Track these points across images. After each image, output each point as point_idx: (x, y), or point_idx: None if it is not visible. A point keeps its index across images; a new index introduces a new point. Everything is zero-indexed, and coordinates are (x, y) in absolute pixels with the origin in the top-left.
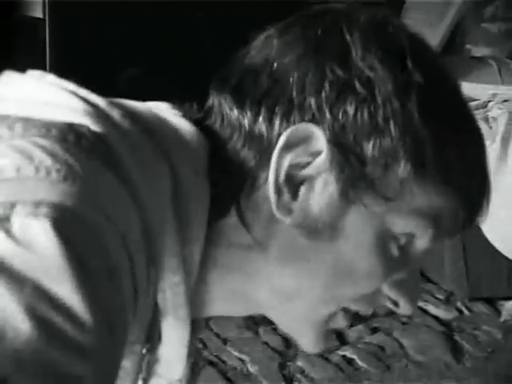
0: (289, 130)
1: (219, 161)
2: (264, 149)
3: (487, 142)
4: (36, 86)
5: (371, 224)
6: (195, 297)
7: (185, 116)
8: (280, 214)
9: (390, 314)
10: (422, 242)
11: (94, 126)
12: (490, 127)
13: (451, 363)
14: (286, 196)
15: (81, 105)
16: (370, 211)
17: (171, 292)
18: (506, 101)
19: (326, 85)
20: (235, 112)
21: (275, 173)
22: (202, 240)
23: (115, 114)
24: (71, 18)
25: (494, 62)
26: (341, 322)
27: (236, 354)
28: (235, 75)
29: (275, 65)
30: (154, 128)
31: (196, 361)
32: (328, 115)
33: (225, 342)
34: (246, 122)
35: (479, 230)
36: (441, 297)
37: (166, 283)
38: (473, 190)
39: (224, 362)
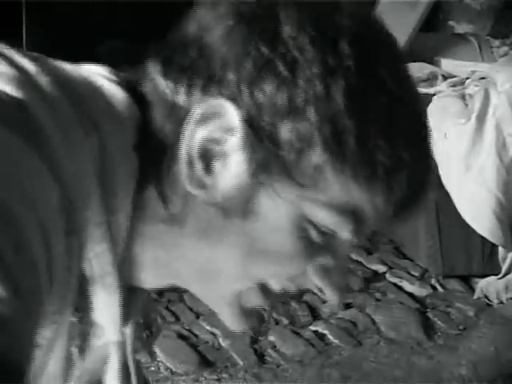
0: (202, 104)
1: (147, 132)
2: (182, 121)
3: (462, 120)
4: None
5: (285, 208)
6: (124, 265)
7: (120, 82)
8: (192, 187)
9: (364, 289)
10: (343, 235)
11: (17, 93)
12: (466, 105)
13: (423, 340)
14: (199, 170)
15: (7, 69)
16: (282, 196)
17: (97, 261)
18: (482, 78)
19: (248, 62)
20: (162, 81)
21: (188, 144)
22: (129, 210)
23: (44, 81)
24: None
25: (475, 40)
26: (258, 301)
27: (208, 328)
28: (170, 45)
29: (205, 37)
30: (84, 97)
31: (149, 326)
32: (245, 93)
33: (197, 315)
34: (169, 92)
35: (454, 207)
36: (416, 274)
37: (91, 252)
38: (402, 184)
39: (196, 335)
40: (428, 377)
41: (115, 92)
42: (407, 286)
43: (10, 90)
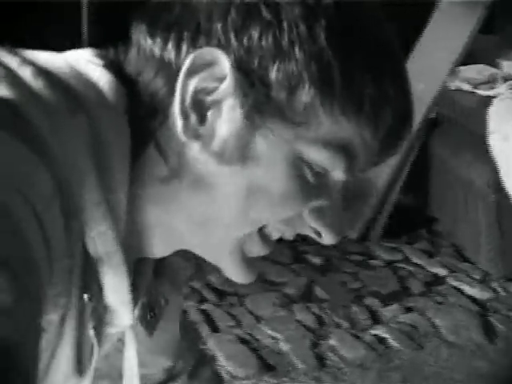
0: (193, 55)
1: (135, 97)
2: (173, 75)
3: None
4: None
5: (280, 149)
6: (130, 239)
7: (105, 64)
8: (187, 137)
9: (425, 293)
10: (337, 174)
11: (3, 91)
12: None
13: (483, 344)
14: (193, 120)
15: None
16: (277, 136)
17: (100, 240)
18: None
19: (232, 10)
20: (148, 41)
21: (181, 96)
22: (126, 186)
23: (27, 73)
24: None
25: None
26: (259, 249)
27: (269, 332)
28: (153, 7)
29: None
30: (69, 83)
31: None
32: (233, 40)
33: (258, 319)
34: (156, 50)
35: None
36: (477, 277)
37: (93, 232)
38: (387, 119)
39: (257, 339)
40: (488, 381)
41: (99, 74)
42: (468, 290)
43: None
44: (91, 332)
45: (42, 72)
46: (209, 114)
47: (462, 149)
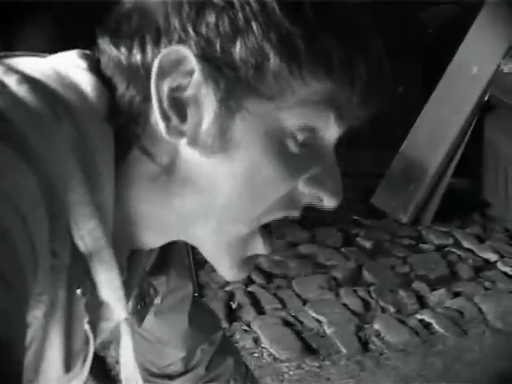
0: (158, 58)
1: (116, 103)
2: (143, 81)
3: None
4: None
5: (260, 126)
6: (121, 234)
7: (87, 66)
8: (172, 137)
9: (473, 278)
10: (328, 133)
11: None
12: None
13: None
14: (174, 119)
15: None
16: (255, 115)
17: (90, 237)
18: None
19: (185, 5)
20: (114, 51)
21: (158, 99)
22: (113, 184)
23: (11, 80)
24: None
25: None
26: (259, 248)
27: (314, 315)
28: (113, 19)
29: (142, 2)
30: (54, 88)
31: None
32: (192, 32)
33: (304, 302)
34: (123, 58)
35: None
36: None
37: (82, 230)
38: (360, 73)
39: (301, 322)
40: None
41: (82, 77)
42: None
43: None
44: (86, 326)
45: (27, 79)
46: (187, 109)
47: None
